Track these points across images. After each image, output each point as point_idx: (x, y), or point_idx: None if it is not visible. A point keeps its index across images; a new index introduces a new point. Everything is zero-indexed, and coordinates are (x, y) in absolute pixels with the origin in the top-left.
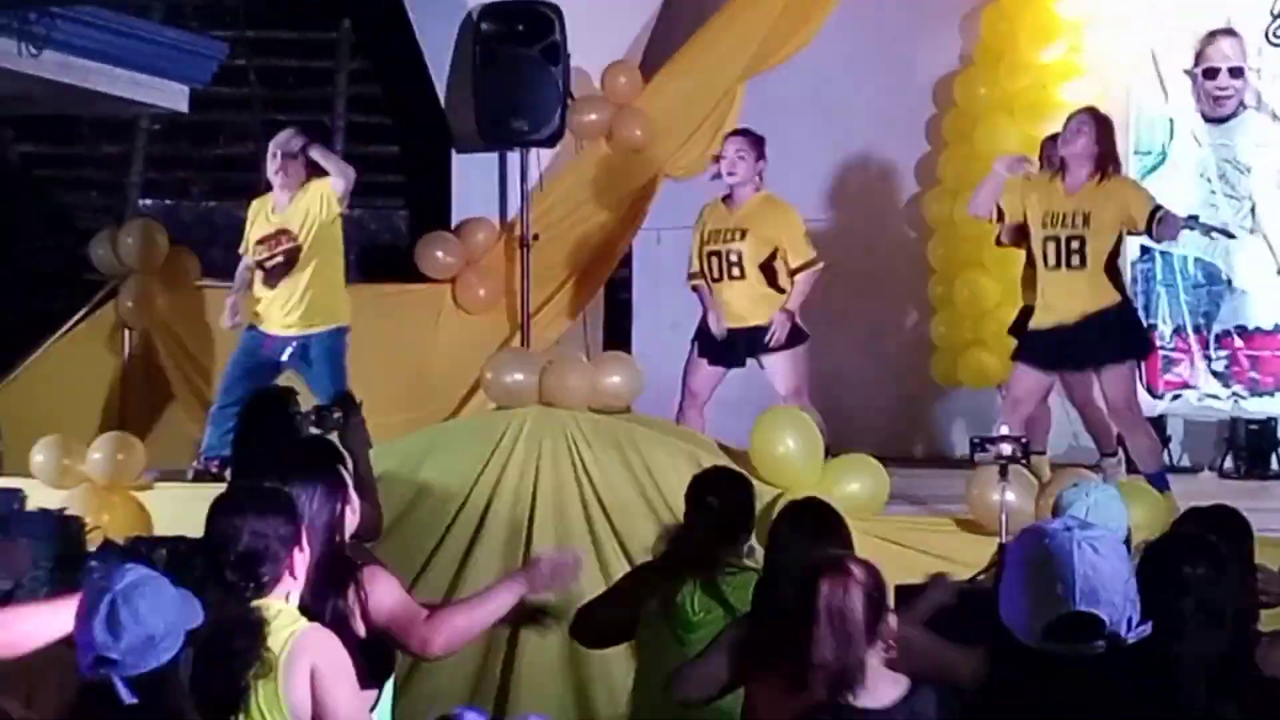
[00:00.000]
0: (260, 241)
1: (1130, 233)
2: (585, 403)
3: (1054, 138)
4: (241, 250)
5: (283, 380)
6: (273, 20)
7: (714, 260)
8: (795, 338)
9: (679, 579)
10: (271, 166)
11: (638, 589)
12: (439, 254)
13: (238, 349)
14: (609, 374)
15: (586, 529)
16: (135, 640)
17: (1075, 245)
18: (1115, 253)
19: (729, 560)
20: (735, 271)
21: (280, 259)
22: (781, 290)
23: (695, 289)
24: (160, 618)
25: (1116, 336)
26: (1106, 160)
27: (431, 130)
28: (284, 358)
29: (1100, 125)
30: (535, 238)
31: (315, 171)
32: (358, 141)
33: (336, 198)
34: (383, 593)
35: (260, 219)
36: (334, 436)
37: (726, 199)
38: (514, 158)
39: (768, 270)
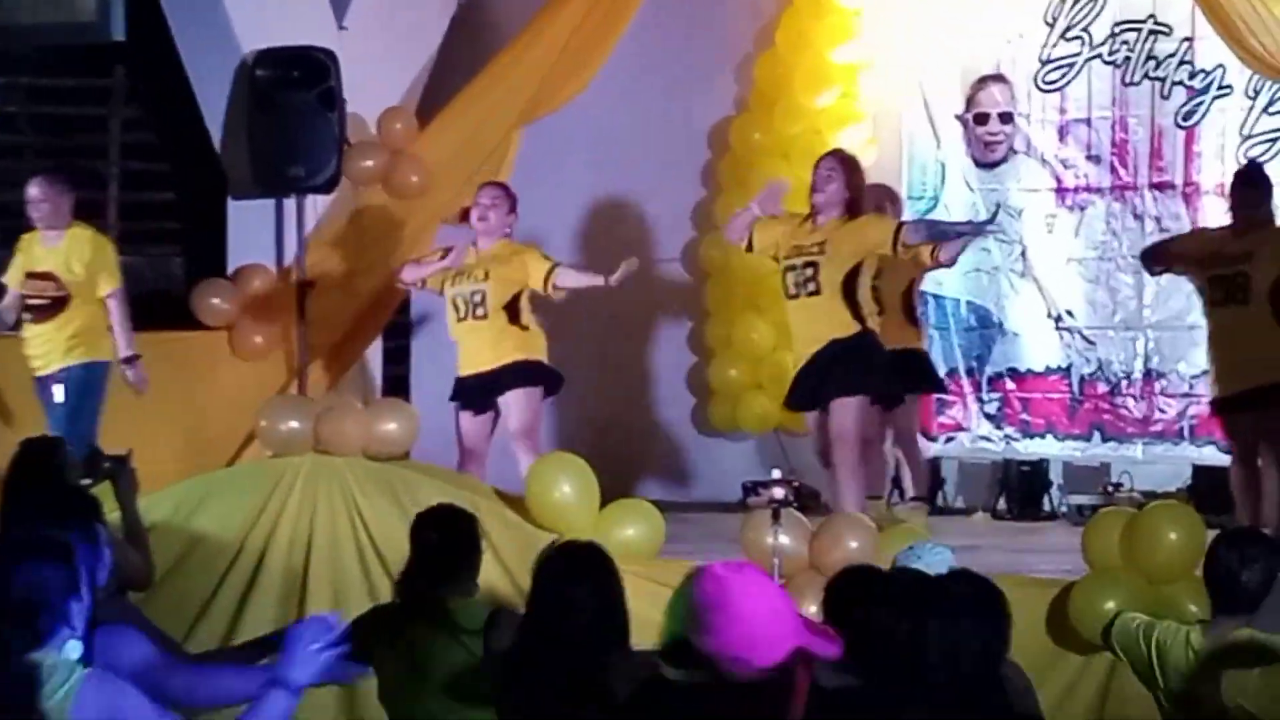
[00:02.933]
0: (30, 277)
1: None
2: (361, 450)
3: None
4: (6, 279)
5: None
6: (45, 67)
7: (458, 303)
8: (535, 378)
9: (412, 622)
10: (34, 209)
11: (369, 638)
12: (215, 300)
13: None
14: (385, 421)
15: (363, 576)
16: None
17: (810, 273)
18: (853, 281)
19: (456, 596)
20: (479, 312)
21: (46, 301)
22: (525, 328)
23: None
24: None
25: (851, 367)
26: (856, 204)
27: (207, 177)
28: (58, 399)
29: (849, 168)
30: (312, 284)
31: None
32: (132, 188)
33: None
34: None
35: (28, 255)
36: (103, 486)
37: (475, 244)
38: (290, 204)
39: (511, 310)
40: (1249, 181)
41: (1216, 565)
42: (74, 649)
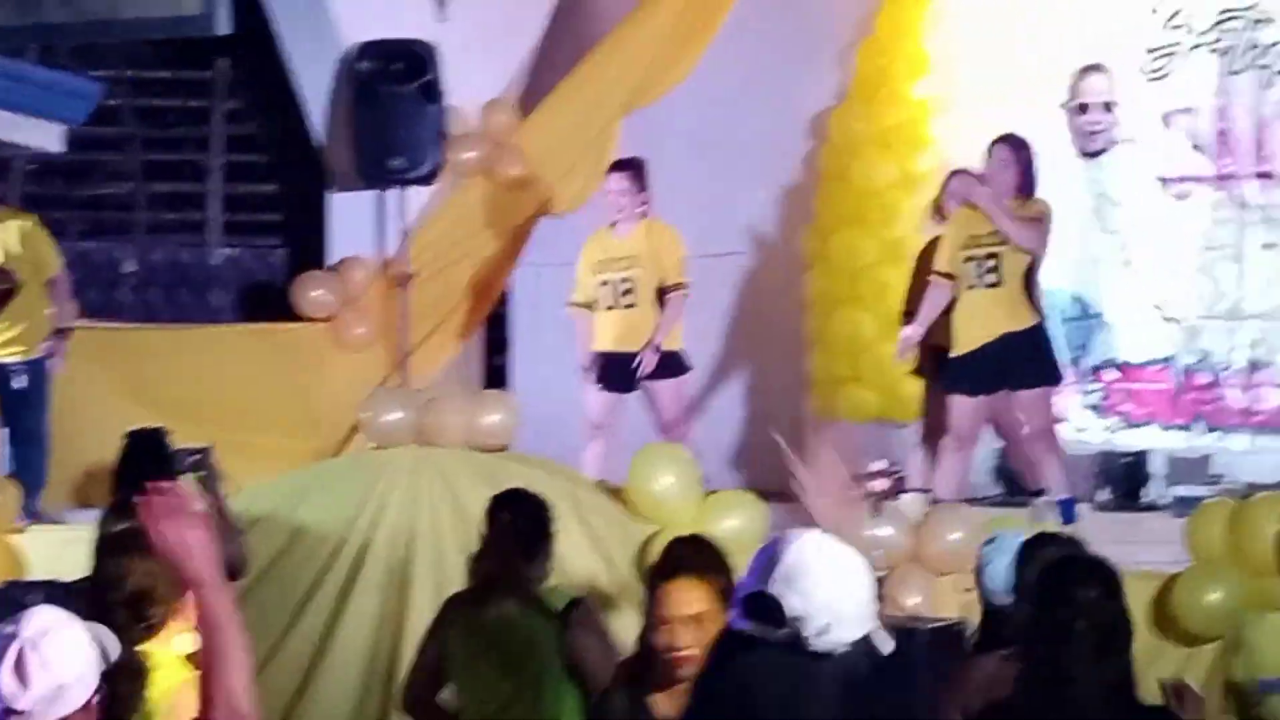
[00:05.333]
0: None
1: None
2: (463, 441)
3: (957, 173)
4: None
5: None
6: (149, 60)
7: (604, 289)
8: (678, 368)
9: (489, 602)
10: None
11: (444, 624)
12: (317, 293)
13: None
14: (487, 412)
15: (465, 568)
16: (45, 689)
17: (991, 265)
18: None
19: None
20: (627, 300)
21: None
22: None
23: (578, 316)
24: (70, 664)
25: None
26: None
27: (309, 169)
28: (16, 385)
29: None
30: (413, 276)
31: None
32: (235, 181)
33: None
34: None
35: None
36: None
37: (613, 226)
38: (392, 195)
39: (659, 298)
40: None
41: None
42: (184, 643)
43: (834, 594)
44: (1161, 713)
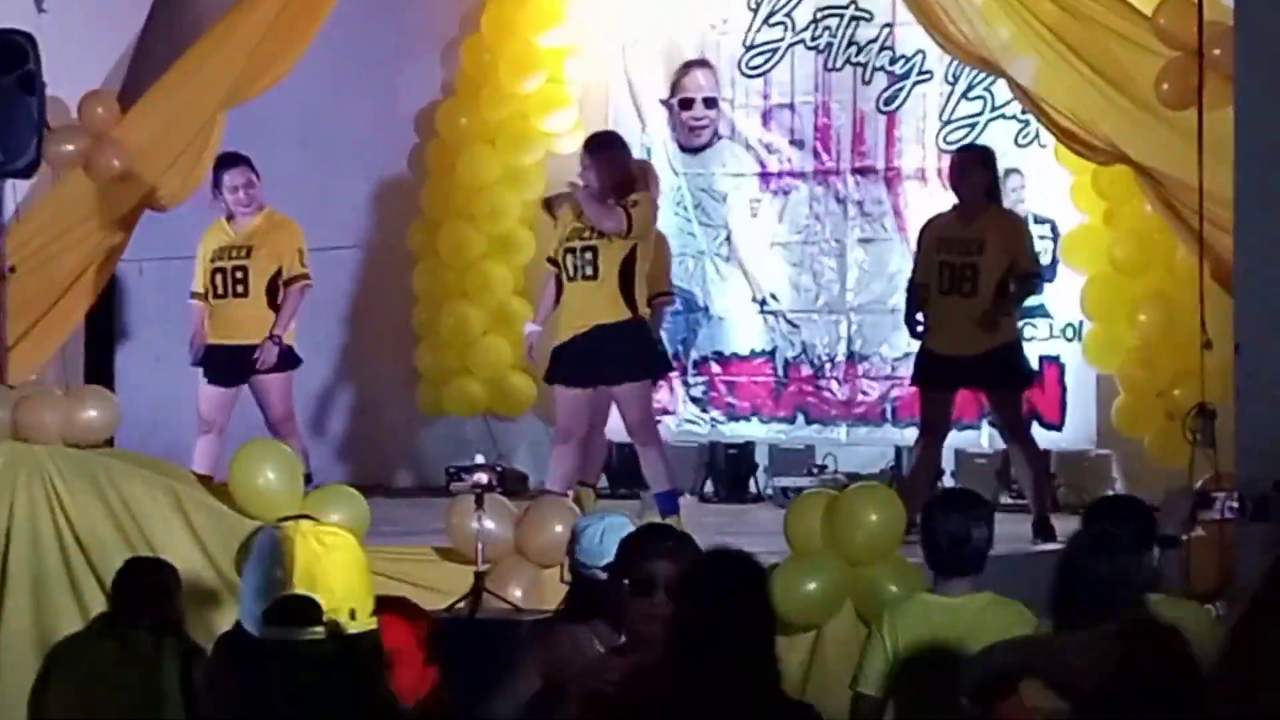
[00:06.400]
0: None
1: None
2: (60, 437)
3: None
4: None
5: None
6: None
7: (219, 278)
8: (287, 361)
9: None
10: None
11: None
12: None
13: None
14: (85, 408)
15: (63, 565)
16: None
17: (589, 257)
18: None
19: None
20: (240, 289)
21: None
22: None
23: (194, 308)
24: None
25: (633, 354)
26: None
27: None
28: None
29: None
30: (12, 270)
31: None
32: None
33: None
34: None
35: None
36: None
37: (230, 218)
38: None
39: (272, 289)
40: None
41: (944, 528)
42: None
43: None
44: (803, 709)
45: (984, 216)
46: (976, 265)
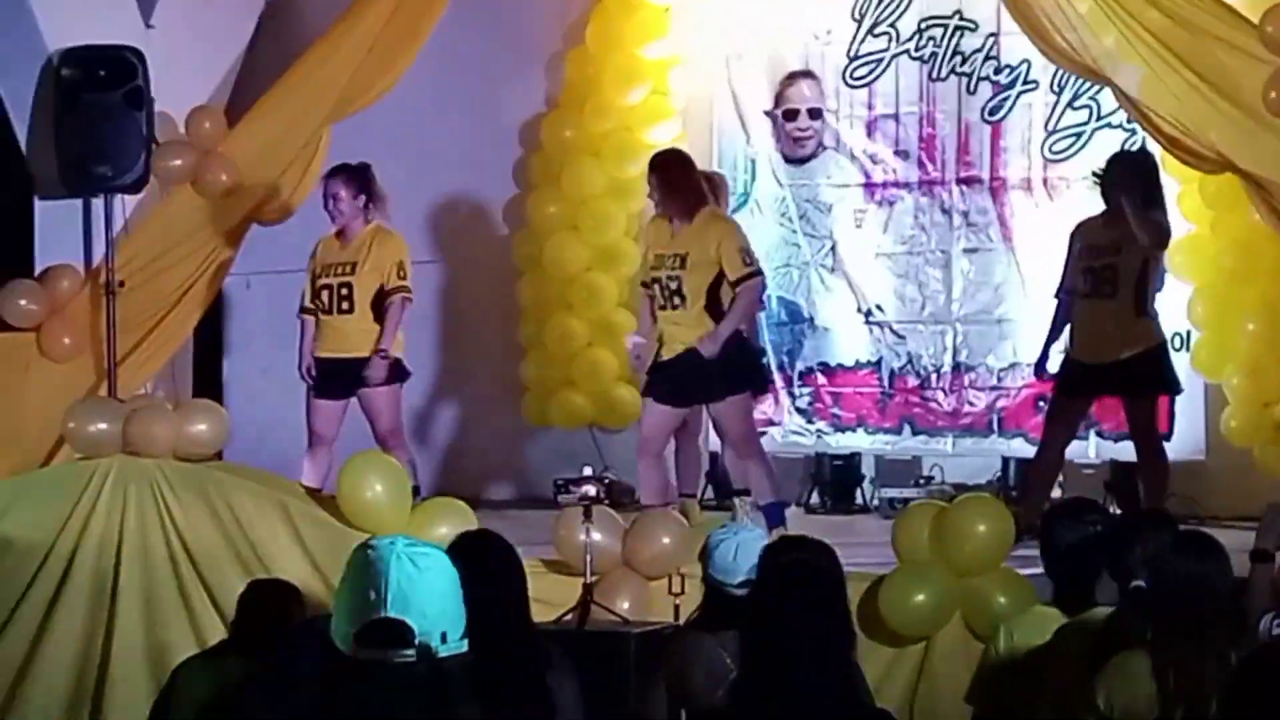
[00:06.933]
0: None
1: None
2: (170, 451)
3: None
4: None
5: None
6: None
7: (325, 294)
8: (395, 374)
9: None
10: None
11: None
12: (22, 302)
13: None
14: (195, 421)
15: (173, 578)
16: None
17: (674, 286)
18: (716, 287)
19: None
20: (345, 305)
21: None
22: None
23: (303, 322)
24: None
25: (728, 370)
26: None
27: (13, 176)
28: None
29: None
30: (121, 284)
31: None
32: None
33: None
34: None
35: None
36: None
37: (339, 234)
38: (98, 204)
39: (377, 304)
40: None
41: (1063, 538)
42: None
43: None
44: (878, 715)
45: (1125, 221)
46: (1115, 266)
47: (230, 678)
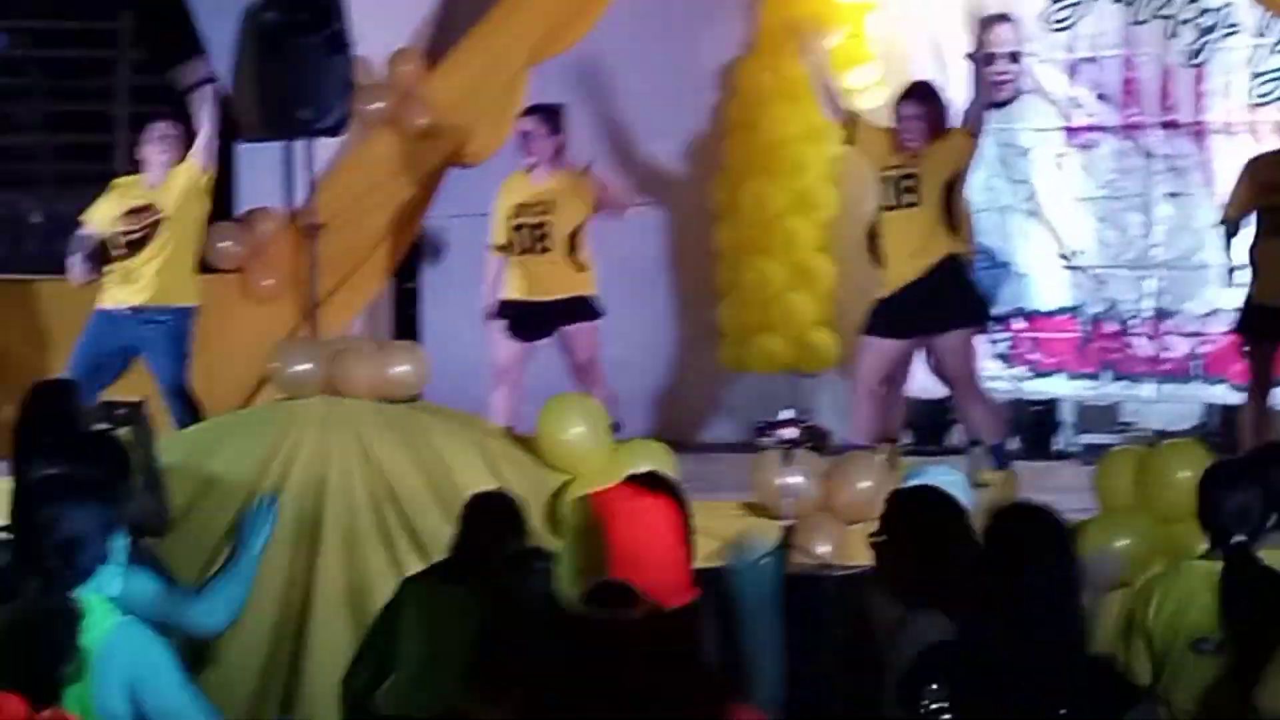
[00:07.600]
0: (126, 214)
1: None
2: (372, 392)
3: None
4: (87, 219)
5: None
6: (53, 10)
7: (520, 233)
8: (591, 313)
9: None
10: (153, 146)
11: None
12: (225, 244)
13: (85, 336)
14: (396, 363)
15: (375, 518)
16: None
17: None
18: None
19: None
20: (542, 245)
21: (143, 233)
22: (581, 266)
23: (493, 261)
24: None
25: (955, 302)
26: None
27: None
28: (138, 330)
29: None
30: (321, 226)
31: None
32: (141, 132)
33: (203, 180)
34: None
35: (126, 193)
36: (122, 432)
37: (530, 170)
38: (299, 146)
39: (572, 243)
40: None
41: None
42: (114, 584)
43: None
44: (1104, 663)
45: None
46: None
47: (454, 599)
